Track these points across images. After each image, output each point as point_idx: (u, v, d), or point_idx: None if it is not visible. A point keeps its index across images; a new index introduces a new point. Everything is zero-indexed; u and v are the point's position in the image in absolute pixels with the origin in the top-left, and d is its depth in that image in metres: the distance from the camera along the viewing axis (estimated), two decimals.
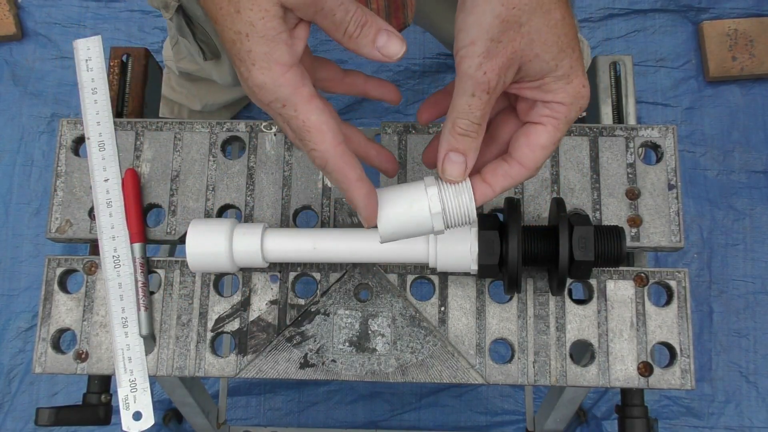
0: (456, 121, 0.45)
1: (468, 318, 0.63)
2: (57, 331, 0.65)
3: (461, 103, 0.44)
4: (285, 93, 0.44)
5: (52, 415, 0.65)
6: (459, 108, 0.45)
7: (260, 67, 0.43)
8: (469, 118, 0.45)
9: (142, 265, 0.64)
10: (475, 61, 0.43)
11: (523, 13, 0.42)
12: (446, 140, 0.46)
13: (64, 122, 0.69)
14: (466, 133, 0.45)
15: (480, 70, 0.43)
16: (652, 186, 0.65)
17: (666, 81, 1.49)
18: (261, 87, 0.44)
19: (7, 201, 1.46)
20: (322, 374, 0.63)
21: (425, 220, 0.48)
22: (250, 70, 0.43)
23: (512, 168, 0.48)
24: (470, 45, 0.43)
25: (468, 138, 0.45)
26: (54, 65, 1.52)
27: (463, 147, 0.46)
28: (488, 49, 0.42)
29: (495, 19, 0.42)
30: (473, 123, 0.45)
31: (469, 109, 0.44)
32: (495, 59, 0.43)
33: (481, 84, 0.43)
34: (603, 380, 0.62)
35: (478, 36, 0.42)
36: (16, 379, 1.37)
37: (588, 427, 1.33)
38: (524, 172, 0.48)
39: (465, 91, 0.44)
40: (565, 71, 0.45)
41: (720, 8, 1.50)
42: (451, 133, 0.45)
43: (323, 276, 0.65)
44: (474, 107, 0.44)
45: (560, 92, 0.46)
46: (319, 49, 1.53)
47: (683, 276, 0.64)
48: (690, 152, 1.45)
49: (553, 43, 0.44)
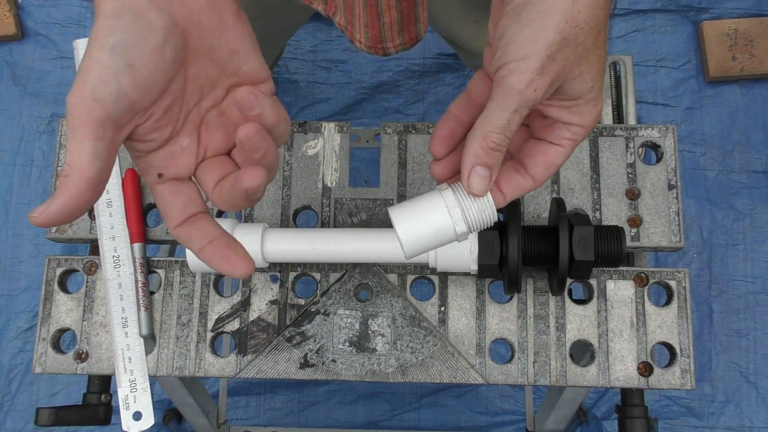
0: (489, 135, 0.43)
1: (468, 318, 0.63)
2: (57, 331, 0.65)
3: (500, 117, 0.42)
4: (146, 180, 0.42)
5: (52, 415, 0.65)
6: (496, 122, 0.42)
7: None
8: (504, 134, 0.43)
9: (142, 265, 0.64)
10: (528, 77, 0.40)
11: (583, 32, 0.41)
12: (475, 153, 0.43)
13: (64, 122, 0.69)
14: (497, 148, 0.43)
15: (530, 86, 0.41)
16: (652, 186, 0.65)
17: (666, 81, 1.49)
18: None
19: (7, 201, 1.46)
20: (322, 374, 0.63)
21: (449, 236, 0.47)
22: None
23: (525, 181, 0.47)
24: (524, 59, 0.40)
25: (498, 153, 0.43)
26: (54, 65, 1.52)
27: (491, 161, 0.44)
28: (543, 66, 0.40)
29: (558, 35, 0.40)
30: (506, 138, 0.43)
31: (507, 125, 0.42)
32: (546, 76, 0.41)
33: (528, 101, 0.41)
34: (603, 380, 0.62)
35: (536, 51, 0.40)
36: (16, 379, 1.37)
37: (588, 427, 1.33)
38: (534, 185, 0.47)
39: (508, 107, 0.42)
40: (596, 94, 0.44)
41: (720, 8, 1.50)
42: (482, 146, 0.43)
43: (323, 276, 0.65)
44: (513, 123, 0.42)
45: (587, 115, 0.44)
46: (319, 49, 1.53)
47: (683, 276, 0.64)
48: (690, 152, 1.45)
49: (596, 63, 0.43)
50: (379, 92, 1.50)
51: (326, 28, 1.54)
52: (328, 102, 1.51)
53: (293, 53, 1.53)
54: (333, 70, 1.52)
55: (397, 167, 0.67)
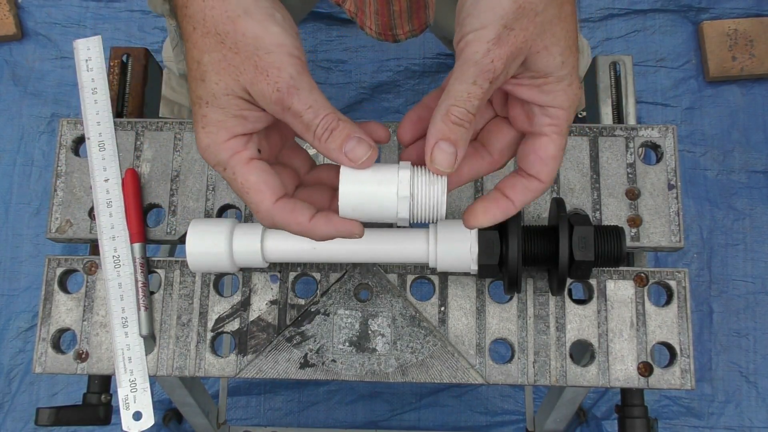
0: (451, 109, 0.42)
1: (468, 318, 0.63)
2: (57, 331, 0.65)
3: (460, 90, 0.42)
4: (224, 157, 0.45)
5: (52, 415, 0.65)
6: (457, 95, 0.42)
7: (208, 132, 0.44)
8: (465, 107, 0.42)
9: (142, 265, 0.64)
10: (484, 47, 0.41)
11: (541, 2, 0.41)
12: (438, 128, 0.43)
13: (64, 122, 0.69)
14: (460, 123, 0.42)
15: (487, 56, 0.41)
16: (652, 186, 0.65)
17: (666, 81, 1.49)
18: (205, 149, 0.45)
19: (7, 201, 1.46)
20: (322, 374, 0.63)
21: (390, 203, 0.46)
22: (199, 132, 0.45)
23: (531, 183, 0.47)
24: (480, 29, 0.41)
25: (461, 128, 0.43)
26: (54, 65, 1.52)
27: (455, 137, 0.43)
28: (499, 36, 0.40)
29: (513, 4, 0.40)
30: (469, 113, 0.42)
31: (468, 98, 0.42)
32: (504, 47, 0.41)
33: (486, 72, 0.41)
34: (603, 380, 0.62)
35: (491, 21, 0.40)
36: (16, 379, 1.37)
37: (588, 427, 1.33)
38: (543, 186, 0.47)
39: (466, 78, 0.41)
40: (568, 71, 0.43)
41: (720, 8, 1.50)
42: (444, 120, 0.42)
43: (323, 276, 0.65)
44: (473, 96, 0.42)
45: (560, 95, 0.44)
46: (319, 49, 1.53)
47: (683, 276, 0.64)
48: (690, 152, 1.45)
49: (563, 37, 0.42)
50: (379, 92, 1.51)
51: (326, 28, 1.54)
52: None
53: None
54: (333, 70, 1.52)
55: None
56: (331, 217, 0.46)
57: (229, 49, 0.43)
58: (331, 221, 0.46)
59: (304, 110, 0.43)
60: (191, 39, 0.44)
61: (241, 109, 0.44)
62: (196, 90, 0.44)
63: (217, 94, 0.43)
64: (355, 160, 0.44)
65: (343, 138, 0.44)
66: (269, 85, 0.42)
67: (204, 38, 0.43)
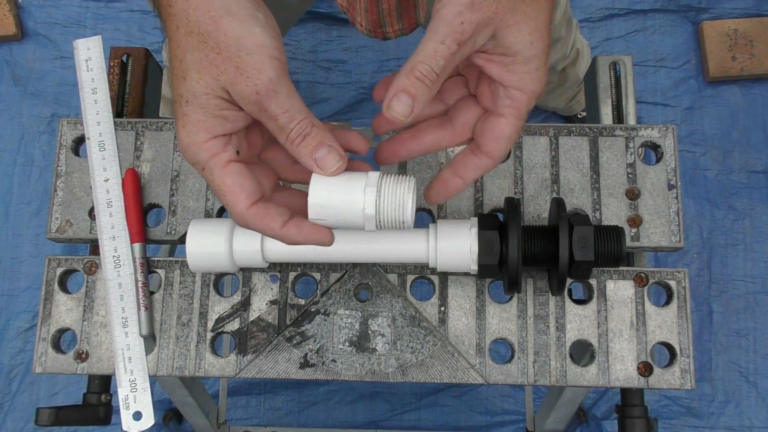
0: (417, 65, 0.44)
1: (468, 318, 0.63)
2: (57, 331, 0.65)
3: (428, 48, 0.43)
4: (203, 158, 0.46)
5: (52, 415, 0.65)
6: (424, 52, 0.44)
7: (188, 131, 0.45)
8: (430, 64, 0.43)
9: (142, 265, 0.64)
10: (457, 8, 0.43)
11: None
12: (401, 80, 0.44)
13: (64, 122, 0.69)
14: (422, 79, 0.44)
15: (459, 18, 0.42)
16: (652, 186, 0.66)
17: (666, 81, 1.49)
18: (185, 149, 0.46)
19: (7, 201, 1.46)
20: (322, 374, 0.63)
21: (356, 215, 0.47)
22: (180, 130, 0.46)
23: (481, 160, 0.49)
24: None
25: (423, 85, 0.44)
26: (54, 65, 1.52)
27: (415, 91, 0.44)
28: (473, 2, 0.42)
29: None
30: (433, 70, 0.44)
31: (434, 55, 0.43)
32: (476, 13, 0.43)
33: (455, 33, 0.43)
34: (603, 380, 0.62)
35: None
36: (16, 379, 1.37)
37: (588, 427, 1.33)
38: (491, 163, 0.49)
39: (435, 37, 0.43)
40: (536, 53, 0.45)
41: (720, 8, 1.50)
42: (408, 75, 0.44)
43: (323, 276, 0.65)
44: (439, 54, 0.43)
45: (525, 77, 0.45)
46: (319, 49, 1.53)
47: (683, 276, 0.64)
48: (690, 152, 1.45)
49: (534, 17, 0.44)
50: None
51: (326, 28, 1.54)
52: (328, 102, 1.51)
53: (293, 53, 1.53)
54: (333, 70, 1.52)
55: (397, 167, 0.67)
56: (302, 225, 0.47)
57: (212, 49, 0.43)
58: (301, 229, 0.47)
59: (280, 114, 0.44)
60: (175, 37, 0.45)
61: (221, 108, 0.45)
62: (178, 88, 0.45)
63: (198, 93, 0.44)
64: (324, 168, 0.46)
65: (315, 144, 0.45)
66: (248, 86, 0.43)
67: (187, 37, 0.44)
